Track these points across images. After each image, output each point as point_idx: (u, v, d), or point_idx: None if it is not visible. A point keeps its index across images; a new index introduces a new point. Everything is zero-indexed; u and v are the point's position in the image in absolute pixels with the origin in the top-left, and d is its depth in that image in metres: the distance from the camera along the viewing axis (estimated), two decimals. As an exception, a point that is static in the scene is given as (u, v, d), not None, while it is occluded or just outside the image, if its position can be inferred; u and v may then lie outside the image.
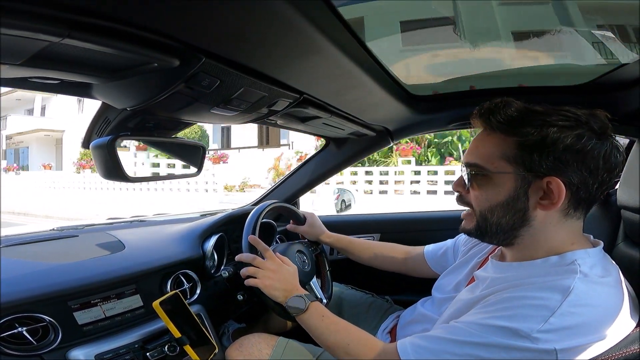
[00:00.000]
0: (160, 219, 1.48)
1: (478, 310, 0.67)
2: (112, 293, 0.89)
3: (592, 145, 0.61)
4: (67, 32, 0.41)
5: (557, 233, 0.67)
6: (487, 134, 0.70)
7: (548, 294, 0.60)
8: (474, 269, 0.86)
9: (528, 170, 0.64)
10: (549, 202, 0.64)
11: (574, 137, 0.61)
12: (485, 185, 0.69)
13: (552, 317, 0.57)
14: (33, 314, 0.76)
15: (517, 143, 0.64)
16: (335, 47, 0.63)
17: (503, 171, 0.66)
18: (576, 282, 0.60)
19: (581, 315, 0.58)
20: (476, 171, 0.69)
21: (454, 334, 0.65)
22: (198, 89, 0.64)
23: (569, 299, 0.58)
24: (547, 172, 0.63)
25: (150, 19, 0.46)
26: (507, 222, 0.68)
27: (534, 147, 0.63)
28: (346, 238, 1.31)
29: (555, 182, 0.62)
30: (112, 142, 0.74)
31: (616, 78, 0.88)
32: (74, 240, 1.11)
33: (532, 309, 0.59)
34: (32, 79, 0.56)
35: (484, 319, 0.63)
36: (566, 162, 0.62)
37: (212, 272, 1.16)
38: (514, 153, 0.65)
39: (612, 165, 0.63)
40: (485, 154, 0.69)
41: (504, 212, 0.67)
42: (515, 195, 0.66)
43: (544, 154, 0.62)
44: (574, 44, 0.84)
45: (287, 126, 1.18)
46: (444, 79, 1.11)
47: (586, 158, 0.62)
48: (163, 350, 0.89)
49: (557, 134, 0.61)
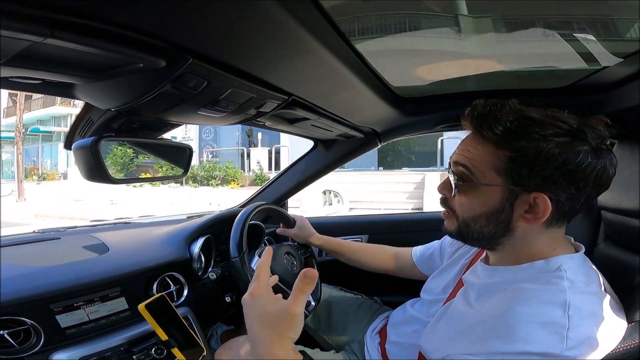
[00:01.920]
0: (146, 221, 1.46)
1: (484, 336, 0.62)
2: (96, 296, 0.87)
3: (586, 164, 0.59)
4: (49, 31, 0.40)
5: (539, 241, 0.67)
6: (479, 141, 0.67)
7: (550, 309, 0.59)
8: (461, 272, 0.87)
9: (516, 184, 0.63)
10: (533, 217, 0.63)
11: (570, 155, 0.59)
12: (471, 194, 0.68)
13: (569, 332, 0.56)
14: (14, 317, 0.74)
15: (509, 157, 0.62)
16: (323, 48, 0.63)
17: (492, 183, 0.65)
18: (568, 295, 0.59)
19: (588, 327, 0.58)
20: (464, 178, 0.68)
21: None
22: (185, 90, 0.63)
23: (572, 314, 0.58)
24: (535, 187, 0.61)
25: (135, 18, 0.45)
26: (489, 231, 0.67)
27: (526, 163, 0.61)
28: (335, 240, 1.31)
29: (542, 198, 0.61)
30: (95, 144, 0.73)
31: (598, 80, 0.90)
32: (56, 242, 1.09)
33: (541, 329, 0.58)
34: (13, 78, 0.55)
35: (499, 347, 0.59)
36: (556, 180, 0.60)
37: (199, 274, 1.15)
38: (505, 166, 0.63)
39: (602, 181, 0.62)
40: (476, 162, 0.66)
41: (487, 221, 0.67)
42: (500, 208, 0.65)
43: (534, 170, 0.60)
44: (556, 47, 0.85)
45: (276, 128, 1.18)
46: (430, 81, 1.13)
47: (576, 177, 0.60)
48: (150, 353, 0.88)
49: (551, 151, 0.59)
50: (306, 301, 0.62)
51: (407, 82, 1.10)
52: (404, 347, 0.93)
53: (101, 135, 0.75)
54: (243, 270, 1.01)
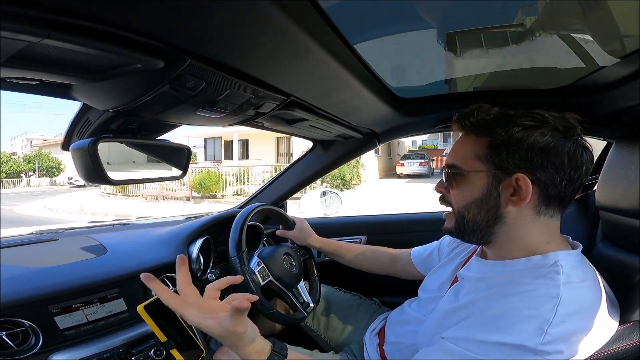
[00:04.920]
0: (144, 222, 1.46)
1: (469, 323, 0.66)
2: (94, 297, 0.87)
3: (554, 143, 0.65)
4: (47, 32, 0.40)
5: (531, 231, 0.70)
6: (464, 137, 0.75)
7: (539, 304, 0.60)
8: (457, 269, 0.88)
9: (498, 168, 0.68)
10: (518, 199, 0.67)
11: (537, 135, 0.65)
12: (461, 183, 0.73)
13: (550, 327, 0.58)
14: (12, 319, 0.74)
15: (488, 143, 0.69)
16: (322, 49, 0.63)
17: (476, 169, 0.71)
18: (562, 290, 0.61)
19: (573, 323, 0.59)
20: (453, 171, 0.74)
21: (451, 355, 0.64)
22: (183, 91, 0.63)
23: (560, 309, 0.59)
24: (515, 169, 0.67)
25: (133, 19, 0.45)
26: (482, 219, 0.71)
27: (502, 146, 0.67)
28: (335, 243, 1.31)
29: (522, 178, 0.66)
30: (93, 145, 0.73)
31: (596, 80, 0.90)
32: (54, 244, 1.09)
33: (527, 322, 0.59)
34: (10, 79, 0.54)
35: (479, 335, 0.62)
36: (531, 159, 0.66)
37: (198, 275, 1.14)
38: (485, 152, 0.69)
39: (578, 162, 0.66)
40: (461, 155, 0.74)
41: (479, 209, 0.71)
42: (487, 192, 0.70)
43: (511, 152, 0.66)
44: (554, 47, 0.86)
45: (275, 128, 1.18)
46: (429, 82, 1.13)
47: (549, 155, 0.65)
48: (149, 354, 0.88)
49: (521, 132, 0.66)
50: (245, 317, 0.67)
51: (405, 82, 1.11)
52: (402, 347, 0.93)
53: (99, 136, 0.75)
54: (241, 269, 1.01)
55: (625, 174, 0.84)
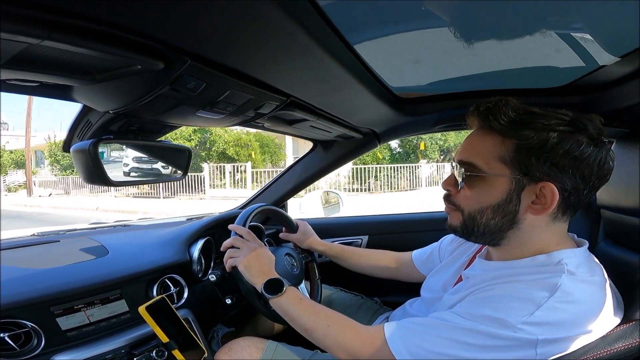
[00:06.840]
0: (145, 224, 1.46)
1: (466, 301, 0.68)
2: (96, 298, 0.87)
3: (589, 153, 0.61)
4: (47, 33, 0.40)
5: (544, 235, 0.68)
6: (485, 134, 0.68)
7: (536, 290, 0.61)
8: (461, 268, 0.87)
9: (524, 173, 0.64)
10: (540, 207, 0.64)
11: (574, 144, 0.61)
12: (478, 186, 0.68)
13: (538, 310, 0.58)
14: (15, 320, 0.75)
15: (516, 146, 0.64)
16: (322, 49, 0.63)
17: (499, 173, 0.65)
18: (563, 280, 0.60)
19: (565, 311, 0.59)
20: (471, 171, 0.68)
21: (441, 319, 0.66)
22: (183, 92, 0.63)
23: (556, 296, 0.59)
24: (543, 176, 0.63)
25: (133, 20, 0.45)
26: (495, 224, 0.68)
27: (533, 150, 0.62)
28: (338, 246, 1.31)
29: (549, 187, 0.62)
30: (94, 146, 0.73)
31: (595, 79, 0.90)
32: (56, 245, 1.09)
33: (518, 302, 0.60)
34: (10, 81, 0.55)
35: (471, 308, 0.65)
36: (563, 168, 0.61)
37: (199, 276, 1.15)
38: (512, 156, 0.64)
39: (605, 172, 0.64)
40: (482, 154, 0.67)
41: (494, 214, 0.67)
42: (507, 198, 0.65)
43: (542, 159, 0.62)
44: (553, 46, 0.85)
45: (275, 129, 1.18)
46: (429, 81, 1.13)
47: (582, 165, 0.61)
48: (151, 355, 0.88)
49: (557, 139, 0.61)
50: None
51: (405, 82, 1.10)
52: None
53: (100, 137, 0.75)
54: None
55: (626, 172, 0.83)
